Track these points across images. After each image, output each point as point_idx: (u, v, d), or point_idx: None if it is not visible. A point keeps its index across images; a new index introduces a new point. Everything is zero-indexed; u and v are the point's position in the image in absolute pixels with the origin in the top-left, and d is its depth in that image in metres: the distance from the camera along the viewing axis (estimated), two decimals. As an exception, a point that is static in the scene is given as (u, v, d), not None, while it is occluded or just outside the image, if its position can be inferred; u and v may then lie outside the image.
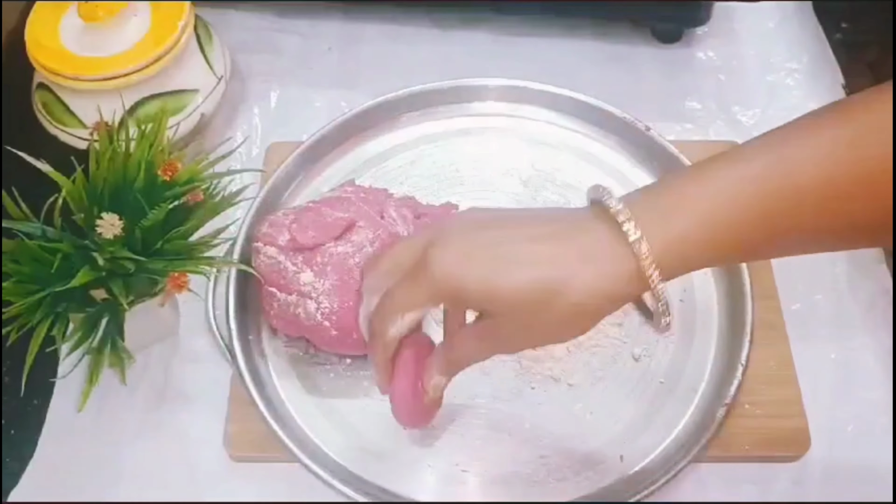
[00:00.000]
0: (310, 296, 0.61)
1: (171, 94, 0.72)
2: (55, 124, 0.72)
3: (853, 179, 0.43)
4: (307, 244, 0.62)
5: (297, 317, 0.61)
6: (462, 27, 0.87)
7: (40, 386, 0.63)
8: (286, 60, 0.85)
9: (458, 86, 0.77)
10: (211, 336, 0.65)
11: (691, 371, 0.64)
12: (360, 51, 0.86)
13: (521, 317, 0.48)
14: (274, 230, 0.63)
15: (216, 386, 0.65)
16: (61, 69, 0.69)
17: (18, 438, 0.64)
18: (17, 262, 0.55)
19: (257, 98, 0.82)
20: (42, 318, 0.55)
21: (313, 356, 0.65)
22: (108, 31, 0.70)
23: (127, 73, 0.69)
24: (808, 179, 0.44)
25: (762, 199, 0.45)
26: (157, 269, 0.57)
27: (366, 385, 0.64)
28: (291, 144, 0.74)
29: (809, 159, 0.44)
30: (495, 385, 0.63)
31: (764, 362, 0.64)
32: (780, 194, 0.44)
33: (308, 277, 0.61)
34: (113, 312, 0.58)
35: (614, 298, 0.48)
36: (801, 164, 0.44)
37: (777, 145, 0.45)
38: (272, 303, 0.63)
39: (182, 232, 0.58)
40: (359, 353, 0.63)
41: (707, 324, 0.66)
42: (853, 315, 0.68)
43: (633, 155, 0.75)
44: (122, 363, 0.59)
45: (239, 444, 0.62)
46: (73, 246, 0.56)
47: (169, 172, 0.57)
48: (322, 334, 0.61)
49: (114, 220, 0.55)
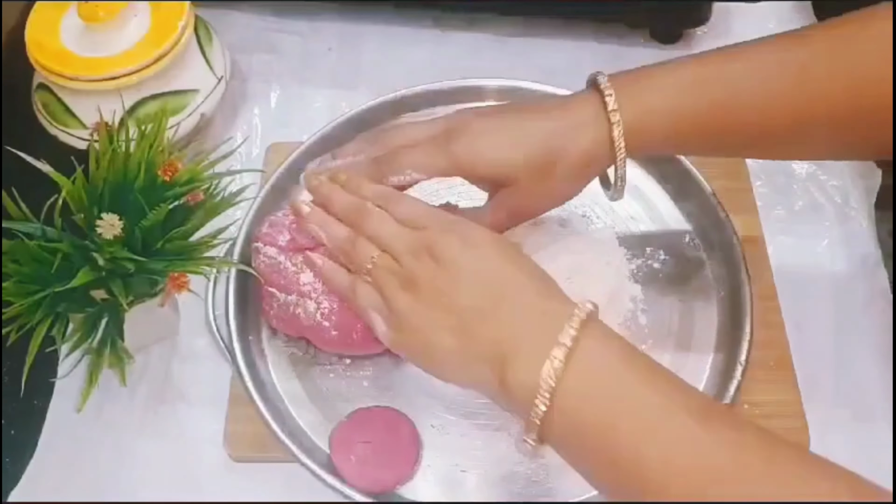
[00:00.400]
0: (309, 296, 0.61)
1: (171, 94, 0.72)
2: (55, 124, 0.72)
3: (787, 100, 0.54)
4: (307, 244, 0.62)
5: (297, 317, 0.61)
6: (462, 27, 0.87)
7: (40, 386, 0.63)
8: (286, 60, 0.85)
9: (458, 86, 0.77)
10: (211, 336, 0.65)
11: (691, 371, 0.64)
12: (360, 51, 0.86)
13: (529, 184, 0.57)
14: (274, 230, 0.63)
15: (216, 386, 0.65)
16: (61, 69, 0.69)
17: (18, 438, 0.64)
18: (17, 262, 0.55)
19: (257, 98, 0.82)
20: (42, 318, 0.55)
21: (313, 356, 0.65)
22: (108, 32, 0.70)
23: (127, 73, 0.69)
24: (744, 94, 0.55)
25: (710, 98, 0.55)
26: (157, 269, 0.57)
27: (366, 385, 0.64)
28: (291, 144, 0.74)
29: (753, 75, 0.55)
30: (495, 385, 0.63)
31: (764, 362, 0.64)
32: (722, 97, 0.55)
33: (308, 277, 0.61)
34: (113, 312, 0.58)
35: (600, 162, 0.58)
36: (742, 81, 0.55)
37: (732, 59, 0.56)
38: (272, 303, 0.63)
39: (182, 232, 0.58)
40: (359, 353, 0.63)
41: (707, 324, 0.66)
42: (853, 315, 0.68)
43: (632, 155, 0.75)
44: (121, 363, 0.59)
45: (239, 444, 0.62)
46: (73, 246, 0.56)
47: (169, 173, 0.57)
48: (322, 334, 0.61)
49: (114, 220, 0.55)
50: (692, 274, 0.68)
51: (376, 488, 0.58)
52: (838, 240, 0.72)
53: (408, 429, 0.60)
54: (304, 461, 0.58)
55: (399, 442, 0.59)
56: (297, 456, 0.59)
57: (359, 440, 0.59)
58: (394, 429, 0.60)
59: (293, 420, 0.62)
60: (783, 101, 0.54)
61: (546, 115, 0.58)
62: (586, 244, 0.69)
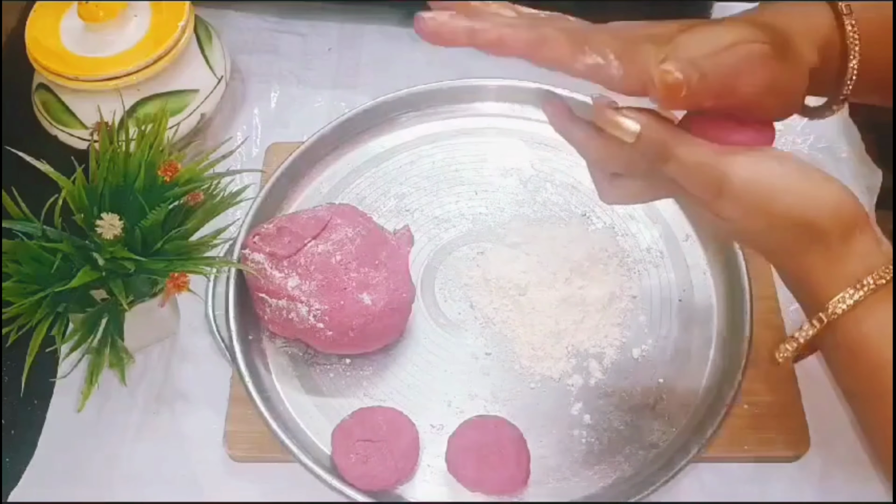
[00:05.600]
0: (300, 299, 0.61)
1: (171, 95, 0.72)
2: (55, 125, 0.72)
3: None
4: (286, 252, 0.62)
5: (291, 321, 0.62)
6: (462, 27, 0.87)
7: (40, 386, 0.63)
8: (286, 60, 0.85)
9: (458, 86, 0.77)
10: (211, 336, 0.65)
11: (691, 371, 0.64)
12: (360, 51, 0.86)
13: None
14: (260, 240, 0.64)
15: (216, 386, 0.65)
16: (61, 69, 0.69)
17: (18, 438, 0.64)
18: (17, 262, 0.55)
19: (257, 98, 0.82)
20: (42, 318, 0.55)
21: (313, 356, 0.65)
22: (108, 32, 0.70)
23: (127, 73, 0.69)
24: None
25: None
26: (157, 269, 0.57)
27: (365, 385, 0.64)
28: (291, 144, 0.74)
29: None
30: (495, 385, 0.64)
31: (764, 362, 0.64)
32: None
33: (295, 282, 0.61)
34: (113, 312, 0.58)
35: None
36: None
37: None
38: (265, 308, 0.63)
39: (182, 232, 0.58)
40: (357, 352, 0.64)
41: (707, 324, 0.66)
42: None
43: (632, 155, 0.75)
44: (121, 363, 0.59)
45: (239, 444, 0.62)
46: (73, 246, 0.56)
47: (169, 173, 0.57)
48: (318, 336, 0.61)
49: (114, 220, 0.55)
50: (692, 274, 0.68)
51: (376, 488, 0.58)
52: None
53: (408, 429, 0.60)
54: (304, 461, 0.58)
55: (399, 442, 0.59)
56: (297, 456, 0.59)
57: (359, 440, 0.59)
58: (394, 429, 0.60)
59: (293, 420, 0.62)
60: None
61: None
62: (586, 244, 0.69)
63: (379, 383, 0.64)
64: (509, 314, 0.66)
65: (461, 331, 0.66)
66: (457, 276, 0.68)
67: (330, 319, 0.61)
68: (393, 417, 0.60)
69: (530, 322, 0.65)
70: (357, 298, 0.61)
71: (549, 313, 0.65)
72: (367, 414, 0.60)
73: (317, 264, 0.62)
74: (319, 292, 0.61)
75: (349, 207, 0.68)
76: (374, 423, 0.60)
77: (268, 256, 0.63)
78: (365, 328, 0.61)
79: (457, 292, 0.68)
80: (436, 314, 0.67)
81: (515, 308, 0.66)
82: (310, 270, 0.62)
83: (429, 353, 0.65)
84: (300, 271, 0.62)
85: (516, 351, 0.65)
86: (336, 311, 0.61)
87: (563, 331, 0.65)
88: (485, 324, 0.66)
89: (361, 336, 0.62)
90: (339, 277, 0.62)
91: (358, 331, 0.61)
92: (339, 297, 0.61)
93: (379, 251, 0.64)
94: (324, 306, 0.61)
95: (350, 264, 0.62)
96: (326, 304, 0.61)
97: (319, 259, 0.62)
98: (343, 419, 0.61)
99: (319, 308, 0.61)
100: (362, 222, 0.65)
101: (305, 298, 0.61)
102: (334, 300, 0.61)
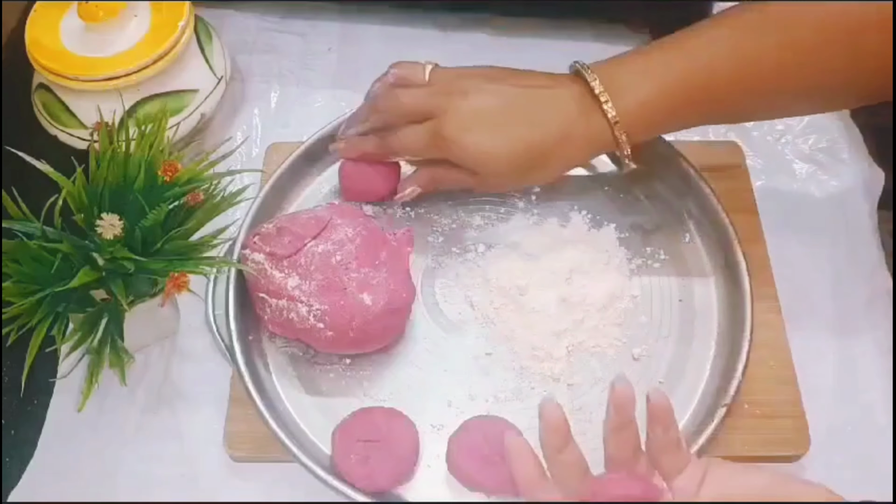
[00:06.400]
0: (300, 299, 0.61)
1: (171, 95, 0.72)
2: (55, 125, 0.72)
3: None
4: (286, 252, 0.62)
5: (291, 321, 0.62)
6: (462, 27, 0.87)
7: (40, 386, 0.64)
8: (286, 60, 0.85)
9: (457, 86, 0.77)
10: (211, 336, 0.65)
11: (691, 371, 0.64)
12: (360, 51, 0.86)
13: (512, 181, 0.66)
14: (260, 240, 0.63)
15: (216, 386, 0.65)
16: (61, 69, 0.69)
17: (18, 438, 0.64)
18: (17, 262, 0.55)
19: (257, 98, 0.82)
20: (42, 318, 0.55)
21: (313, 356, 0.65)
22: (108, 32, 0.70)
23: (127, 73, 0.69)
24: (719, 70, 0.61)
25: (686, 83, 0.61)
26: (157, 269, 0.57)
27: (365, 385, 0.64)
28: (291, 144, 0.74)
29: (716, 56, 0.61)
30: (495, 385, 0.64)
31: (764, 362, 0.64)
32: (698, 78, 0.61)
33: (295, 281, 0.61)
34: (113, 312, 0.58)
35: (597, 153, 0.67)
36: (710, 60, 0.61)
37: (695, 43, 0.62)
38: (265, 308, 0.63)
39: (182, 232, 0.58)
40: (357, 351, 0.64)
41: (707, 324, 0.66)
42: (853, 315, 0.68)
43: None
44: (121, 363, 0.59)
45: (239, 444, 0.62)
46: (73, 246, 0.56)
47: (169, 173, 0.58)
48: (317, 336, 0.61)
49: (114, 220, 0.55)
50: (692, 274, 0.68)
51: (376, 488, 0.58)
52: (839, 240, 0.72)
53: (408, 429, 0.60)
54: (304, 461, 0.58)
55: (399, 442, 0.59)
56: (297, 456, 0.59)
57: (359, 440, 0.59)
58: (394, 429, 0.60)
59: (293, 420, 0.62)
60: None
61: (535, 114, 0.63)
62: (586, 244, 0.69)
63: (379, 383, 0.64)
64: (509, 314, 0.66)
65: (461, 331, 0.66)
66: (457, 277, 0.68)
67: (330, 319, 0.61)
68: (393, 417, 0.60)
69: (530, 322, 0.65)
70: (357, 298, 0.61)
71: (549, 313, 0.65)
72: (367, 414, 0.60)
73: (317, 264, 0.62)
74: (319, 292, 0.61)
75: (349, 207, 0.68)
76: (374, 424, 0.60)
77: (268, 256, 0.63)
78: (365, 328, 0.61)
79: (457, 292, 0.68)
80: (436, 314, 0.67)
81: (515, 308, 0.66)
82: (310, 270, 0.62)
83: (429, 353, 0.65)
84: (300, 271, 0.62)
85: (516, 351, 0.65)
86: (336, 311, 0.61)
87: (563, 331, 0.65)
88: (485, 324, 0.66)
89: (361, 336, 0.62)
90: (340, 277, 0.62)
91: (358, 331, 0.61)
92: (340, 297, 0.61)
93: (379, 251, 0.64)
94: (324, 306, 0.61)
95: (350, 264, 0.62)
96: (326, 304, 0.61)
97: (319, 259, 0.62)
98: (343, 419, 0.61)
99: (319, 308, 0.61)
100: (362, 222, 0.65)
101: (305, 298, 0.61)
102: (334, 300, 0.61)
